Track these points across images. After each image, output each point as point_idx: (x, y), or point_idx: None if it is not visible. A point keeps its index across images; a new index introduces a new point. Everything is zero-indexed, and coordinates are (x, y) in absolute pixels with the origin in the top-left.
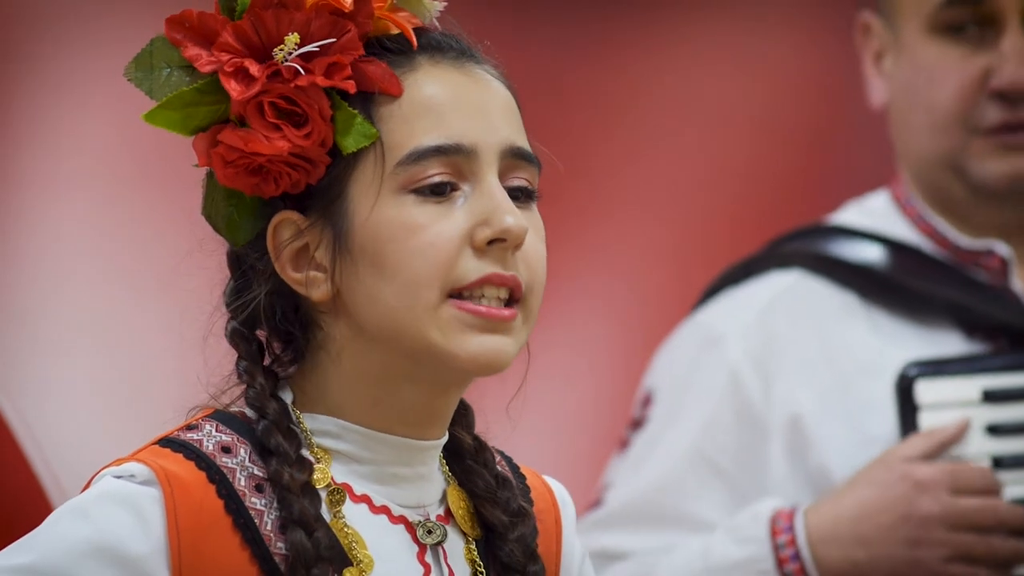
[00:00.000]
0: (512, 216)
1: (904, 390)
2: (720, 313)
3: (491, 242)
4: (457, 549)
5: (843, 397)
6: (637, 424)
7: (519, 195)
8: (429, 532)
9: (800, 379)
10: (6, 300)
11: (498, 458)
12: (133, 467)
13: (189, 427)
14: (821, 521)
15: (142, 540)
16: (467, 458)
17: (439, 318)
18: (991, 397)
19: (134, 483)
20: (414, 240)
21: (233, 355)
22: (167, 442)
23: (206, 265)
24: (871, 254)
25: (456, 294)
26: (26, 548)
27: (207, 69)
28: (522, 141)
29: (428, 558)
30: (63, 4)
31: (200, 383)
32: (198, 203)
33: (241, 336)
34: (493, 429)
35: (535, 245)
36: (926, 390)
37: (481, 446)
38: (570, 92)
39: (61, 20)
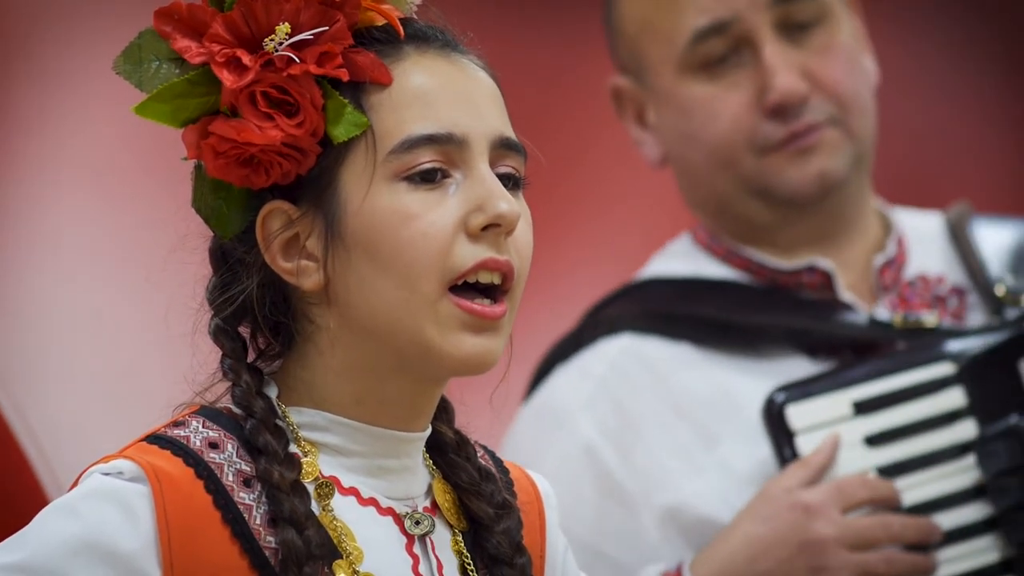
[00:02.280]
0: (506, 202)
1: (774, 418)
2: (557, 391)
3: (485, 228)
4: (444, 540)
5: (707, 447)
6: None
7: (507, 182)
8: (417, 523)
9: (658, 442)
10: (5, 294)
11: (481, 452)
12: (121, 464)
13: (176, 424)
14: (712, 570)
15: (132, 536)
16: (449, 452)
17: (437, 313)
18: (863, 408)
19: (122, 480)
20: (409, 228)
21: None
22: (154, 439)
23: (191, 260)
24: (696, 301)
25: (453, 285)
26: (16, 546)
27: (197, 60)
28: (509, 131)
29: (416, 549)
30: (64, 2)
31: (193, 378)
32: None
33: (225, 333)
34: (496, 423)
35: (524, 231)
36: (797, 414)
37: (463, 440)
38: (570, 86)
39: (62, 18)
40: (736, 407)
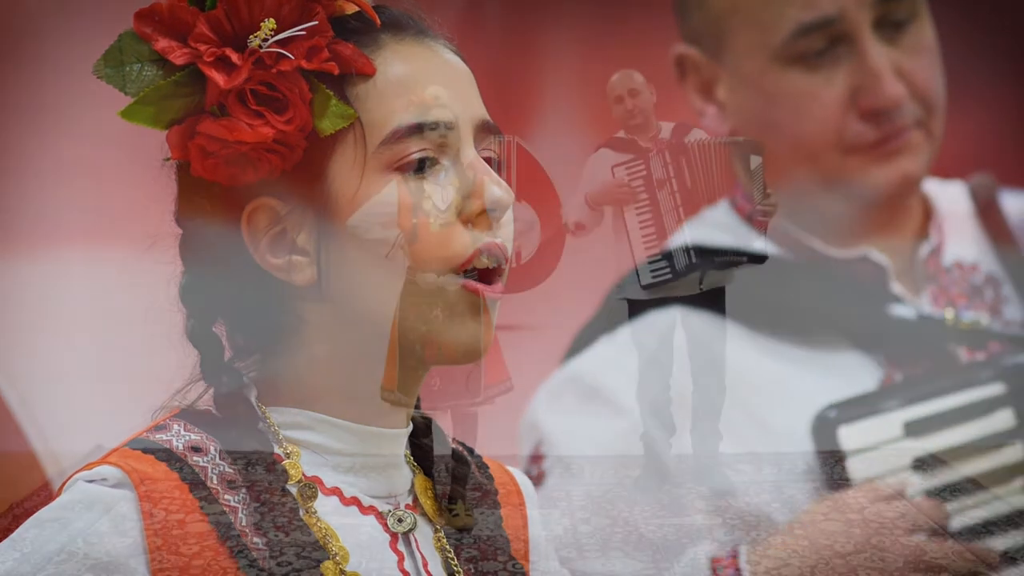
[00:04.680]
0: (499, 187)
1: (826, 437)
2: (600, 363)
3: (480, 213)
4: (427, 537)
5: (759, 435)
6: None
7: (488, 165)
8: (400, 520)
9: (709, 425)
10: (6, 283)
11: (461, 448)
12: (104, 470)
13: (157, 428)
14: (770, 567)
15: (119, 542)
16: (420, 436)
17: (446, 294)
18: (913, 430)
19: (106, 486)
20: (406, 219)
21: None
22: (136, 444)
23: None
24: (747, 275)
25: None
26: (2, 556)
27: (182, 61)
28: (487, 113)
29: (400, 546)
30: None
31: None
32: None
33: (201, 334)
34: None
35: (508, 214)
36: (850, 436)
37: (431, 424)
38: (567, 84)
39: (61, 10)
40: (786, 397)
